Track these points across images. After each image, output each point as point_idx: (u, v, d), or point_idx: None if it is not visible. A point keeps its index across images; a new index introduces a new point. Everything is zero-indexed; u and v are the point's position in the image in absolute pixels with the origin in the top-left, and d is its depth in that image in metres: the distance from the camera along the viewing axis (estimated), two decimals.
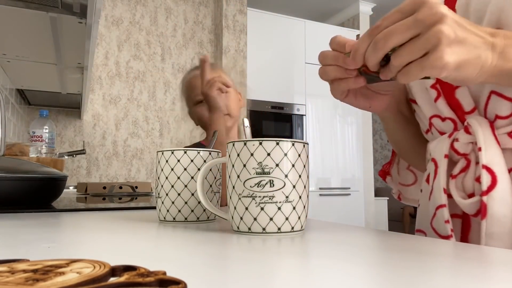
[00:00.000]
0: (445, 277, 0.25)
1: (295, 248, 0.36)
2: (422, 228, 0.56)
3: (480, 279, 0.25)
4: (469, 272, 0.27)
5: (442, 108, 0.52)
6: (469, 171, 0.50)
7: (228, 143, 0.45)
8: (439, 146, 0.52)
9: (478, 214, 0.47)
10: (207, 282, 0.23)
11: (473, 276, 0.26)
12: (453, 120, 0.51)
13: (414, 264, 0.29)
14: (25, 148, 1.27)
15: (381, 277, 0.25)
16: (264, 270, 0.26)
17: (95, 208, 0.73)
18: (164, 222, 0.54)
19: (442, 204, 0.49)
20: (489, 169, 0.46)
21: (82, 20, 1.10)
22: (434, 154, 0.52)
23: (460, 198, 0.48)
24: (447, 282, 0.24)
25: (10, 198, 0.69)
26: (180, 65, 3.39)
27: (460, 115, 0.51)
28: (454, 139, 0.50)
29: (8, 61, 1.55)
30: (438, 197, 0.50)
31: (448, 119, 0.52)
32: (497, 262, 0.31)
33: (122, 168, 3.15)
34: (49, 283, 0.18)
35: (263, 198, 0.41)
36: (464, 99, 0.50)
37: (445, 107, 0.52)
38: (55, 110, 2.94)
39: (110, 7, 3.18)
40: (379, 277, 0.25)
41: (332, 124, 3.67)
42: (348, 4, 4.08)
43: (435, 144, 0.53)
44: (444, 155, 0.50)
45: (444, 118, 0.52)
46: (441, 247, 0.37)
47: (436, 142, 0.53)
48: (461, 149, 0.50)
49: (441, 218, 0.49)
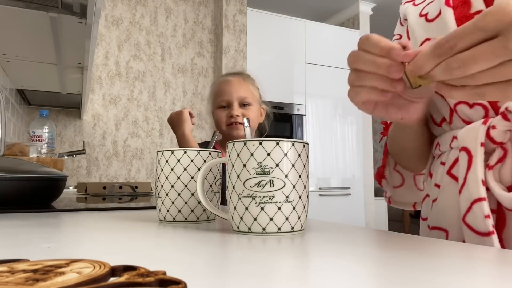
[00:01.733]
0: (446, 277, 0.25)
1: (295, 248, 0.36)
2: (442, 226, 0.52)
3: (480, 278, 0.25)
4: (469, 272, 0.27)
5: None
6: (507, 161, 0.46)
7: (228, 143, 0.45)
8: (472, 133, 0.47)
9: None
10: (207, 282, 0.23)
11: (474, 276, 0.26)
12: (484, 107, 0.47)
13: (414, 264, 0.29)
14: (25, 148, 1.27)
15: (381, 277, 0.25)
16: (264, 270, 0.26)
17: (95, 208, 0.73)
18: (164, 222, 0.54)
19: (481, 197, 0.45)
20: None
21: (82, 20, 1.10)
22: (465, 142, 0.48)
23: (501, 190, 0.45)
24: (447, 282, 0.24)
25: (10, 198, 0.69)
26: (180, 65, 3.39)
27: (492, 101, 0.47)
28: (490, 126, 0.46)
29: (8, 61, 1.55)
30: (475, 190, 0.46)
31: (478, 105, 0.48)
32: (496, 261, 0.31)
33: (122, 168, 3.15)
34: (49, 283, 0.18)
35: (263, 198, 0.41)
36: None
37: None
38: (55, 110, 2.94)
39: (110, 7, 3.18)
40: (379, 277, 0.25)
41: (332, 124, 3.67)
42: (348, 4, 4.08)
43: (465, 132, 0.48)
44: (480, 143, 0.46)
45: (473, 105, 0.48)
46: (442, 247, 0.37)
47: (466, 130, 0.48)
48: (498, 137, 0.46)
49: (479, 213, 0.45)
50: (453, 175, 0.51)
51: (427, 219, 0.58)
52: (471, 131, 0.48)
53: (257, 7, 3.64)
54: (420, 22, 0.56)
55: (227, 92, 1.24)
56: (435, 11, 0.54)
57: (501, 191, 0.45)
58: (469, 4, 0.50)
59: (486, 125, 0.47)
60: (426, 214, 0.59)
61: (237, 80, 1.27)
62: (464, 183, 0.47)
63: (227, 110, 1.24)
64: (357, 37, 3.86)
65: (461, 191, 0.48)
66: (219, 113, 1.26)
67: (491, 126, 0.46)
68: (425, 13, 0.56)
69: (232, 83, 1.26)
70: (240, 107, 1.24)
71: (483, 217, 0.45)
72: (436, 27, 0.53)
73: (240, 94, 1.24)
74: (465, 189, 0.47)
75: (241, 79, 1.28)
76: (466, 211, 0.47)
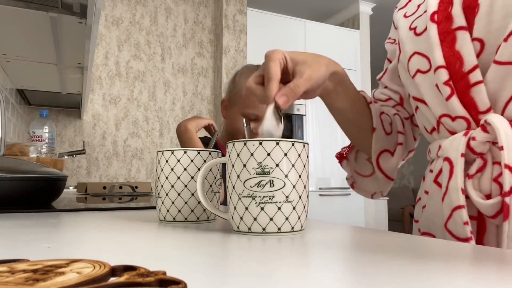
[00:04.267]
0: (446, 276, 0.25)
1: (295, 248, 0.36)
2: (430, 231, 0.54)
3: (479, 278, 0.25)
4: (469, 272, 0.27)
5: (454, 107, 0.50)
6: (486, 171, 0.48)
7: (228, 143, 0.45)
8: (453, 144, 0.49)
9: (497, 216, 0.46)
10: (207, 282, 0.23)
11: (474, 276, 0.26)
12: (466, 119, 0.49)
13: (414, 264, 0.29)
14: (25, 148, 1.27)
15: (381, 277, 0.25)
16: (264, 270, 0.26)
17: (95, 208, 0.73)
18: (164, 222, 0.54)
19: (460, 205, 0.47)
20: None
21: (82, 20, 1.10)
22: (448, 153, 0.50)
23: (479, 198, 0.46)
24: (448, 281, 0.24)
25: (10, 198, 0.69)
26: (180, 65, 3.39)
27: (473, 114, 0.49)
28: (471, 138, 0.48)
29: (8, 61, 1.55)
30: (455, 198, 0.48)
31: (460, 118, 0.50)
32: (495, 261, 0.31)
33: (122, 168, 3.15)
34: (49, 283, 0.18)
35: (263, 198, 0.41)
36: (480, 99, 0.48)
37: (458, 106, 0.49)
38: (55, 110, 2.94)
39: (110, 7, 3.18)
40: (379, 277, 0.25)
41: (332, 124, 3.67)
42: (348, 4, 4.08)
43: (448, 142, 0.51)
44: (461, 154, 0.48)
45: (455, 118, 0.50)
46: (442, 247, 0.37)
47: (450, 141, 0.51)
48: (477, 148, 0.48)
49: (459, 220, 0.47)
50: (438, 183, 0.53)
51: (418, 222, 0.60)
52: (453, 142, 0.50)
53: (257, 7, 3.64)
54: (410, 36, 0.57)
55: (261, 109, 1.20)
56: (422, 25, 0.55)
57: (479, 199, 0.47)
58: (451, 20, 0.51)
59: (466, 137, 0.49)
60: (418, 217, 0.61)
61: None
62: (446, 191, 0.50)
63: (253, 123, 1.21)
64: (357, 37, 3.87)
65: (444, 198, 0.50)
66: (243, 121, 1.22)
67: (471, 137, 0.48)
68: (414, 26, 0.57)
69: None
70: None
71: (462, 224, 0.47)
72: (423, 41, 0.54)
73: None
74: (446, 197, 0.49)
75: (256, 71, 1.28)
76: (447, 218, 0.49)
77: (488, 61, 0.48)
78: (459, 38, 0.49)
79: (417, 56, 0.55)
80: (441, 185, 0.52)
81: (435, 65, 0.51)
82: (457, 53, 0.49)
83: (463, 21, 0.50)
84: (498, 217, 0.46)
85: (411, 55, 0.56)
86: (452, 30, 0.50)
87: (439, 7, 0.53)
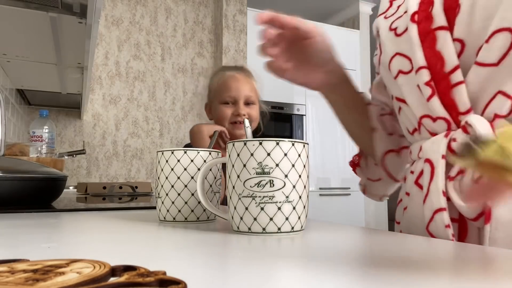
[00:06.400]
0: (446, 276, 0.25)
1: (295, 248, 0.36)
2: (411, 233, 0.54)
3: (482, 279, 0.25)
4: (470, 272, 0.27)
5: (435, 108, 0.50)
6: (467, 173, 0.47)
7: (228, 143, 0.45)
8: (434, 146, 0.49)
9: (479, 218, 0.46)
10: (207, 282, 0.23)
11: (474, 276, 0.26)
12: (447, 120, 0.49)
13: (414, 264, 0.29)
14: (25, 148, 1.27)
15: (381, 277, 0.25)
16: (264, 270, 0.26)
17: (95, 208, 0.73)
18: (164, 222, 0.54)
19: (441, 208, 0.47)
20: None
21: (82, 20, 1.10)
22: (428, 154, 0.50)
23: (461, 201, 0.46)
24: (447, 281, 0.24)
25: (10, 198, 0.69)
26: (180, 65, 3.39)
27: (454, 115, 0.49)
28: (451, 139, 0.48)
29: (8, 61, 1.55)
30: (436, 200, 0.48)
31: (440, 119, 0.50)
32: (497, 262, 0.31)
33: (122, 168, 3.15)
34: (49, 283, 0.18)
35: (263, 198, 0.41)
36: (460, 99, 0.48)
37: (439, 107, 0.49)
38: (55, 110, 2.94)
39: (110, 7, 3.18)
40: (379, 277, 0.25)
41: (332, 124, 3.67)
42: (348, 4, 4.08)
43: (429, 144, 0.51)
44: (442, 155, 0.48)
45: (436, 118, 0.50)
46: (442, 247, 0.37)
47: (430, 142, 0.51)
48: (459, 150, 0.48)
49: (440, 222, 0.47)
50: (419, 184, 0.53)
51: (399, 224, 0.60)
52: (434, 144, 0.50)
53: (257, 7, 3.64)
54: (390, 36, 0.57)
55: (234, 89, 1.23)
56: (403, 26, 0.55)
57: (461, 202, 0.46)
58: (431, 20, 0.51)
59: (447, 138, 0.48)
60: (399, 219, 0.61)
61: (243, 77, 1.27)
62: (427, 193, 0.49)
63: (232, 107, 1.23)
64: (357, 37, 3.87)
65: (425, 201, 0.50)
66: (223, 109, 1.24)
67: (452, 138, 0.48)
68: (395, 27, 0.57)
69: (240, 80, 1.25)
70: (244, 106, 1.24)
71: (444, 227, 0.47)
72: (404, 42, 0.54)
73: (246, 92, 1.24)
74: (428, 199, 0.49)
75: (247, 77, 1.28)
76: (429, 221, 0.49)
77: (469, 62, 0.48)
78: (439, 38, 0.49)
79: (398, 57, 0.55)
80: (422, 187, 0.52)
81: (416, 66, 0.51)
82: (438, 53, 0.49)
83: (443, 21, 0.50)
84: (479, 220, 0.46)
85: (392, 56, 0.56)
86: (432, 30, 0.50)
87: (420, 7, 0.53)
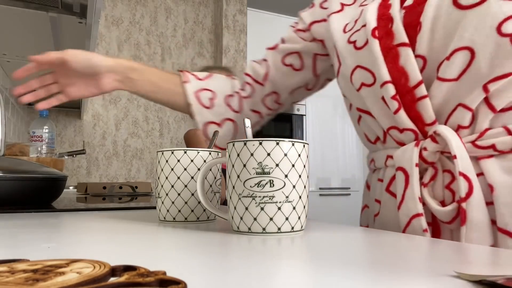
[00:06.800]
0: (446, 276, 0.25)
1: (295, 248, 0.36)
2: None
3: None
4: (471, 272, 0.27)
5: (402, 120, 0.52)
6: (438, 179, 0.50)
7: (228, 143, 0.45)
8: (406, 155, 0.51)
9: (453, 221, 0.48)
10: (207, 282, 0.23)
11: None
12: (414, 131, 0.52)
13: (414, 264, 0.29)
14: (25, 148, 1.27)
15: (381, 277, 0.25)
16: (264, 270, 0.26)
17: (95, 208, 0.73)
18: (164, 222, 0.54)
19: (418, 213, 0.49)
20: (466, 176, 0.46)
21: (82, 20, 1.10)
22: (401, 163, 0.52)
23: (436, 205, 0.49)
24: (448, 281, 0.24)
25: (10, 198, 0.69)
26: (180, 65, 3.39)
27: (420, 126, 0.51)
28: (422, 148, 0.50)
29: (8, 61, 1.55)
30: (413, 206, 0.50)
31: (408, 130, 0.52)
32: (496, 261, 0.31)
33: (122, 168, 3.15)
34: (49, 283, 0.19)
35: (263, 198, 0.41)
36: (426, 112, 0.50)
37: (406, 119, 0.51)
38: (55, 110, 2.94)
39: (110, 7, 3.18)
40: (379, 277, 0.25)
41: (332, 124, 3.67)
42: None
43: (401, 153, 0.53)
44: (415, 164, 0.50)
45: (403, 130, 0.52)
46: (441, 247, 0.37)
47: (401, 151, 0.52)
48: (429, 158, 0.50)
49: (418, 227, 0.49)
50: (391, 192, 0.55)
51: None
52: (405, 153, 0.52)
53: (257, 7, 3.64)
54: (349, 49, 0.58)
55: None
56: (362, 40, 0.56)
57: (437, 206, 0.49)
58: (392, 36, 0.52)
59: (418, 147, 0.51)
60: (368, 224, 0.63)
61: None
62: (402, 200, 0.51)
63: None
64: None
65: (400, 207, 0.52)
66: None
67: (422, 148, 0.50)
68: (354, 40, 0.57)
69: None
70: None
71: (421, 231, 0.49)
72: (365, 56, 0.55)
73: None
74: (403, 205, 0.51)
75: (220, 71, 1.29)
76: (405, 226, 0.51)
77: (431, 77, 0.50)
78: (402, 54, 0.51)
79: (360, 70, 0.56)
80: (394, 194, 0.54)
81: (381, 80, 0.52)
82: (402, 68, 0.51)
83: (405, 38, 0.51)
84: (454, 222, 0.48)
85: (353, 69, 0.57)
86: (394, 46, 0.52)
87: (379, 23, 0.54)
